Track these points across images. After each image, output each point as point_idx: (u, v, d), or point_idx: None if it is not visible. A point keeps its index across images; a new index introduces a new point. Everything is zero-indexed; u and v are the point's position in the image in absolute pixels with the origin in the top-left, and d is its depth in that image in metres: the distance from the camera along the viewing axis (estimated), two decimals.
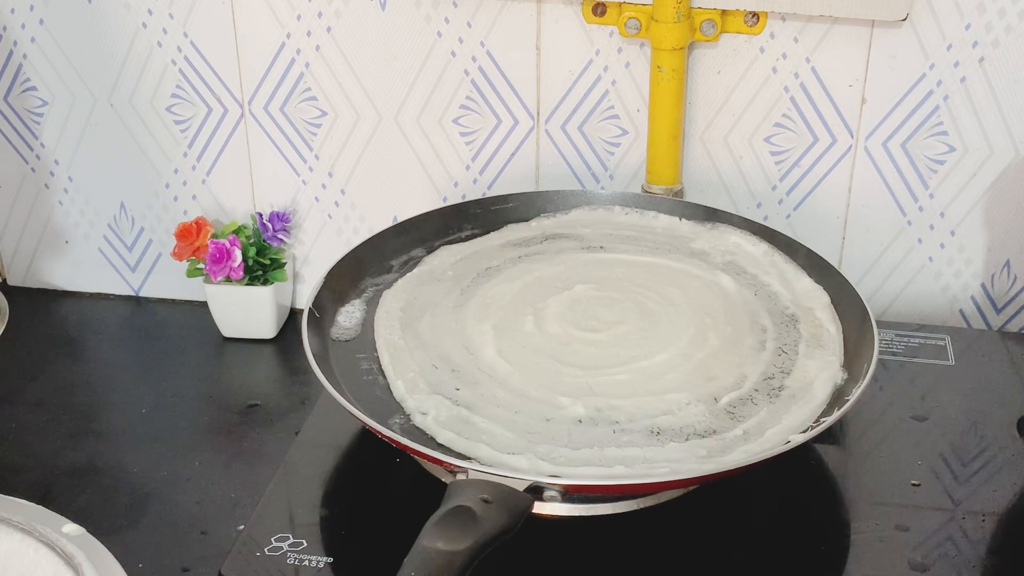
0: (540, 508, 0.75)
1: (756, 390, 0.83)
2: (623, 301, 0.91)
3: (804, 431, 0.79)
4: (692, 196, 1.06)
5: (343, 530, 0.81)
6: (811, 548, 0.80)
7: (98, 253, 1.18)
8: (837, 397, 0.83)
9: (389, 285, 0.95)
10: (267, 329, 1.08)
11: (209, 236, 1.08)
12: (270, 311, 1.08)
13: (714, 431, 0.79)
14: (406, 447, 0.75)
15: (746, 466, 0.74)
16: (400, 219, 1.01)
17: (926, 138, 1.01)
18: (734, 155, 1.05)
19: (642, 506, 0.80)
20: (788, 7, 0.96)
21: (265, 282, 1.08)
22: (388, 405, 0.83)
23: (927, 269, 1.06)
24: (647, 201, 1.03)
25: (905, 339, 1.01)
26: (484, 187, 1.10)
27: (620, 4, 0.99)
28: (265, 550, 0.78)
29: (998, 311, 1.08)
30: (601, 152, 1.07)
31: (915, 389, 0.95)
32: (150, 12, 1.07)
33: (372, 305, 0.93)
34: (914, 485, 0.85)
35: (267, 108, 1.10)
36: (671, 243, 0.99)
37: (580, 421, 0.80)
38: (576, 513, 0.79)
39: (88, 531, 0.71)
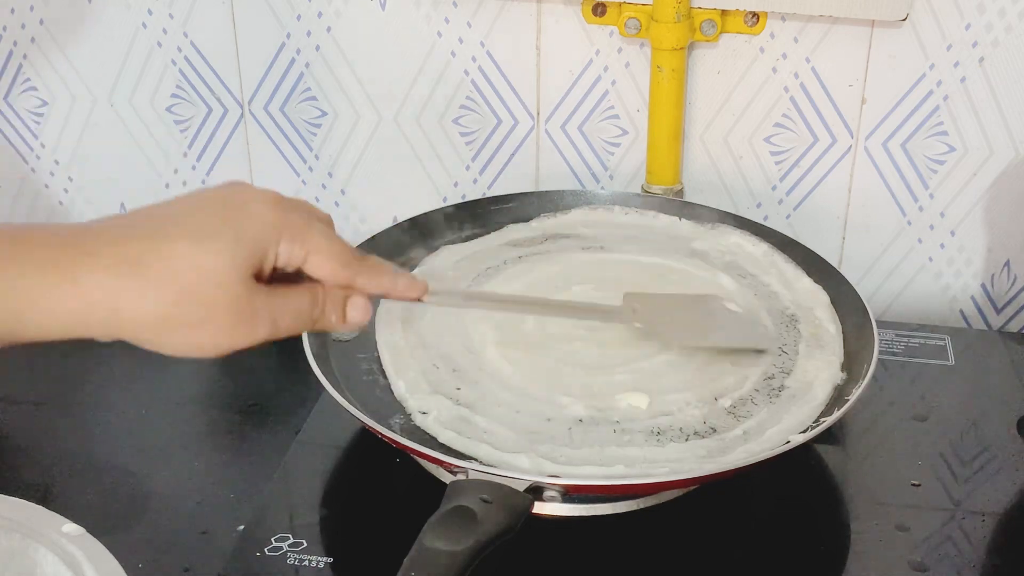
0: (540, 508, 0.75)
1: (756, 390, 0.83)
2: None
3: (804, 431, 0.79)
4: (692, 196, 1.06)
5: (343, 530, 0.81)
6: (811, 548, 0.80)
7: None
8: (837, 397, 0.83)
9: None
10: None
11: None
12: None
13: (714, 431, 0.79)
14: (406, 447, 0.75)
15: (746, 466, 0.74)
16: (400, 219, 1.01)
17: (926, 138, 1.01)
18: (734, 155, 1.05)
19: (642, 506, 0.80)
20: (788, 7, 0.96)
21: None
22: (388, 405, 0.83)
23: (927, 269, 1.07)
24: (647, 201, 1.03)
25: (905, 339, 1.01)
26: (484, 187, 1.10)
27: (620, 4, 0.99)
28: (265, 550, 0.78)
29: (998, 311, 1.08)
30: (601, 152, 1.07)
31: (915, 389, 0.95)
32: (150, 12, 1.07)
33: (372, 305, 0.92)
34: (914, 485, 0.85)
35: (267, 108, 1.10)
36: (671, 243, 0.99)
37: (581, 421, 0.80)
38: (576, 513, 0.79)
39: (88, 531, 0.71)
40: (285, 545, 0.78)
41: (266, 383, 1.05)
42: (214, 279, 0.57)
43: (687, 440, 0.78)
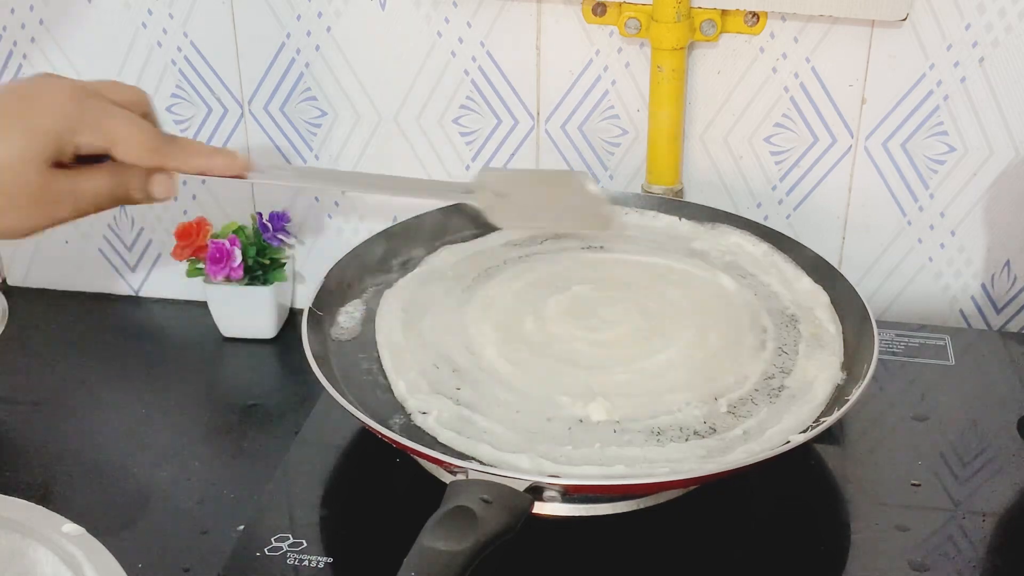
0: (540, 508, 0.75)
1: (756, 390, 0.83)
2: (623, 301, 0.91)
3: (804, 431, 0.79)
4: (692, 196, 1.06)
5: (343, 530, 0.81)
6: (811, 548, 0.80)
7: (98, 253, 1.18)
8: (837, 397, 0.83)
9: (390, 285, 0.95)
10: (267, 329, 1.08)
11: (209, 236, 1.08)
12: (270, 311, 1.08)
13: (714, 431, 0.79)
14: (406, 447, 0.75)
15: (746, 466, 0.74)
16: (400, 219, 1.01)
17: (926, 138, 1.01)
18: (734, 155, 1.05)
19: (642, 506, 0.80)
20: (788, 7, 0.96)
21: (265, 282, 1.08)
22: (388, 405, 0.83)
23: (927, 269, 1.06)
24: (647, 201, 1.03)
25: (905, 339, 1.01)
26: None
27: (620, 4, 0.99)
28: (265, 550, 0.78)
29: (998, 311, 1.08)
30: (601, 152, 1.07)
31: (915, 389, 0.95)
32: (150, 12, 1.07)
33: (372, 305, 0.93)
34: (914, 485, 0.85)
35: (267, 108, 1.10)
36: (671, 243, 0.99)
37: (580, 420, 0.80)
38: (576, 513, 0.79)
39: (88, 531, 0.71)
40: (285, 545, 0.78)
41: (266, 383, 1.06)
42: (8, 169, 0.63)
43: (687, 440, 0.78)
